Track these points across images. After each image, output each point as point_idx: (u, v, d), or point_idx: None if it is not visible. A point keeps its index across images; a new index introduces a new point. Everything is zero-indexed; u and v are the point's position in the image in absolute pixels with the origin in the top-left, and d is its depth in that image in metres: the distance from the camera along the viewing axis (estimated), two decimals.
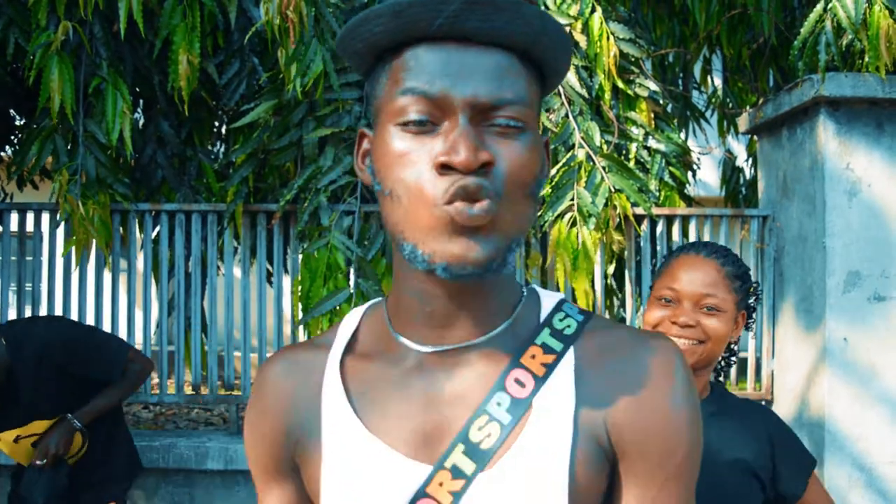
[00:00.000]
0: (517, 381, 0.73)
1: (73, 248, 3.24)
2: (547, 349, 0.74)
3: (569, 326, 0.76)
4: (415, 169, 0.68)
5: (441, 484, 0.71)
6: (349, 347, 0.80)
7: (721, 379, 1.59)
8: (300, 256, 3.26)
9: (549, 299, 0.80)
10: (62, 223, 3.25)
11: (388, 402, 0.75)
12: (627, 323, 3.47)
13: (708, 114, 4.61)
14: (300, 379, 0.80)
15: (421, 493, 0.71)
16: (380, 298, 0.85)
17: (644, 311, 1.49)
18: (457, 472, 0.71)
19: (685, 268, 1.42)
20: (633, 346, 0.75)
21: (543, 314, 0.78)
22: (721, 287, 1.40)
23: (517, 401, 0.72)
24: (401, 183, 0.68)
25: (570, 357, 0.74)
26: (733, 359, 1.54)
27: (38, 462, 2.34)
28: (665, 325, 1.40)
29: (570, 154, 3.20)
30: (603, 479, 0.73)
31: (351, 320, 0.83)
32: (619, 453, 0.73)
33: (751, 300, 1.50)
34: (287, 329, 3.95)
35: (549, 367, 0.73)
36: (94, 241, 3.21)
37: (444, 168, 0.66)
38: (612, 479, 0.74)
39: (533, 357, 0.74)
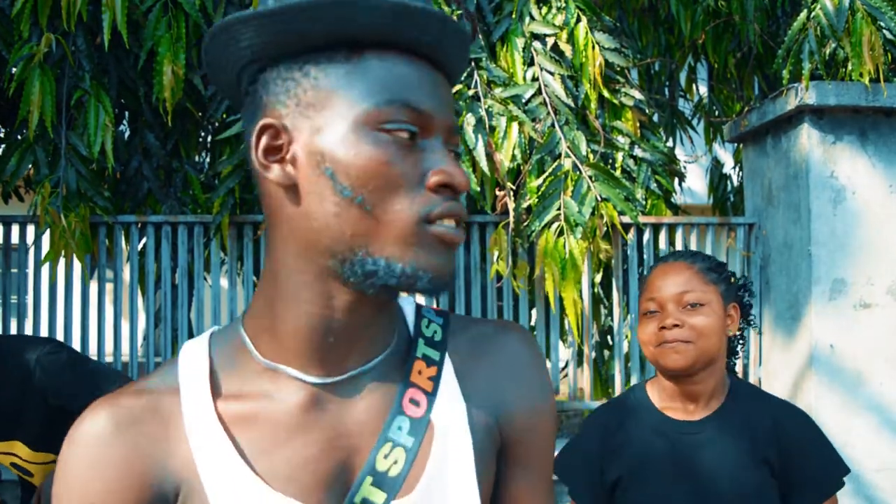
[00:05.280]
0: (412, 401, 0.71)
1: (51, 260, 3.21)
2: (428, 361, 0.74)
3: (436, 332, 0.77)
4: (401, 183, 0.65)
5: None
6: (211, 389, 0.69)
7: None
8: None
9: (407, 306, 0.79)
10: (48, 236, 3.23)
11: (282, 447, 0.68)
12: (615, 331, 3.48)
13: (694, 122, 4.63)
14: (151, 432, 0.67)
15: None
16: (218, 328, 0.76)
17: (637, 330, 1.51)
18: None
19: (659, 276, 1.46)
20: (496, 338, 0.78)
21: (410, 322, 0.78)
22: (696, 281, 1.43)
23: (416, 421, 0.71)
24: (379, 196, 0.64)
25: (448, 363, 0.75)
26: (738, 352, 1.55)
27: None
28: (658, 335, 1.42)
29: (556, 164, 3.21)
30: (493, 474, 0.76)
31: (195, 357, 0.71)
32: (508, 442, 0.77)
33: (740, 292, 1.52)
34: None
35: (435, 380, 0.73)
36: (74, 254, 3.18)
37: (442, 188, 0.66)
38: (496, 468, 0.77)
39: (420, 373, 0.73)
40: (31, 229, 3.39)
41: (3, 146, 3.46)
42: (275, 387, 0.69)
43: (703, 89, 4.80)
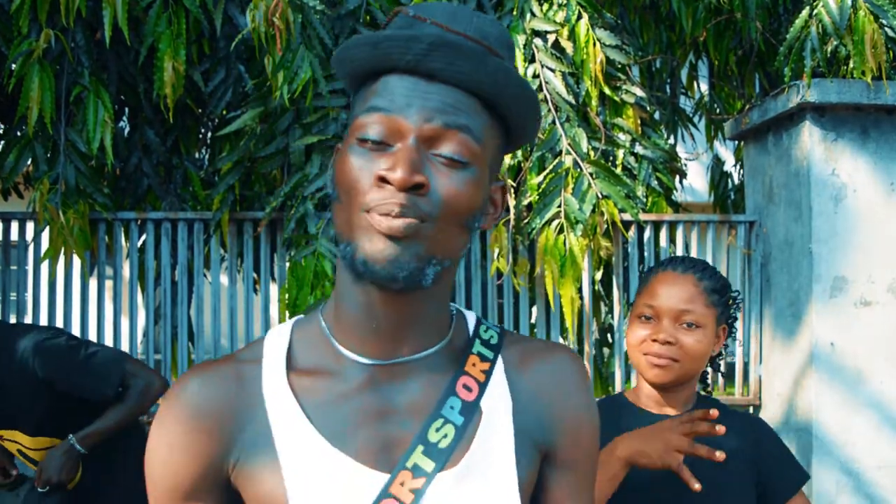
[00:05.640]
0: (465, 387, 0.81)
1: (51, 257, 3.20)
2: (482, 357, 0.84)
3: (492, 337, 0.87)
4: (358, 178, 0.74)
5: (402, 483, 0.76)
6: (287, 364, 0.81)
7: (709, 388, 1.60)
8: (287, 264, 3.25)
9: (470, 316, 0.90)
10: (47, 232, 3.22)
11: (344, 415, 0.78)
12: (615, 329, 3.48)
13: (695, 119, 4.62)
14: (234, 394, 0.79)
15: (384, 494, 0.76)
16: (303, 316, 0.87)
17: (626, 327, 1.50)
18: (418, 472, 0.76)
19: (663, 284, 1.43)
20: (547, 355, 0.87)
21: (471, 328, 0.88)
22: (699, 302, 1.41)
23: (467, 404, 0.80)
24: (346, 189, 0.75)
25: (500, 364, 0.85)
26: (720, 367, 1.56)
27: (39, 489, 2.18)
28: (647, 344, 1.42)
29: (557, 161, 3.20)
30: (536, 472, 0.83)
31: (279, 336, 0.84)
32: (551, 448, 0.84)
33: (731, 310, 1.51)
34: None
35: (487, 373, 0.83)
36: (73, 250, 3.17)
37: (382, 181, 0.73)
38: (539, 472, 0.85)
39: (474, 365, 0.83)
40: (30, 226, 3.38)
41: (2, 142, 3.45)
42: (339, 366, 0.80)
43: (705, 87, 4.79)
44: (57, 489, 2.19)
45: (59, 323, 3.38)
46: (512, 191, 3.20)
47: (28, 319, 3.46)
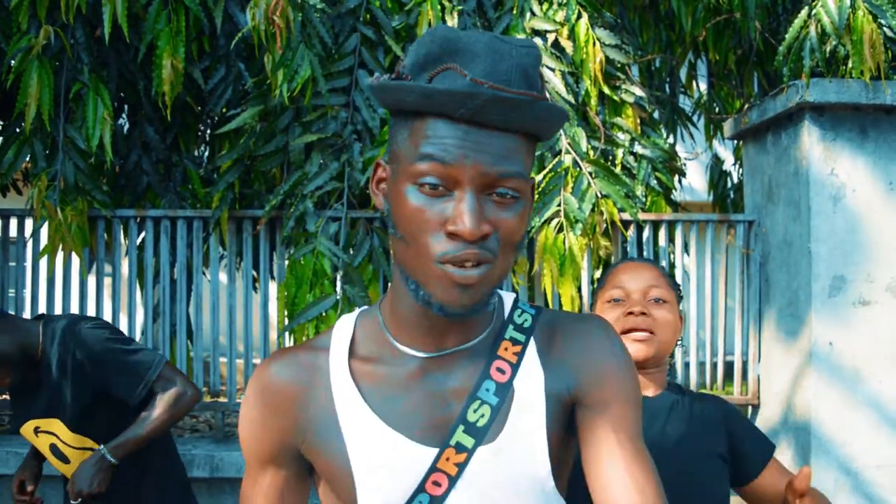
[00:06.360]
0: (499, 370, 0.90)
1: (49, 254, 3.20)
2: (514, 341, 0.93)
3: (526, 321, 0.95)
4: (426, 227, 0.81)
5: (448, 459, 0.87)
6: (350, 351, 0.92)
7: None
8: (286, 262, 3.24)
9: (507, 298, 0.98)
10: (46, 229, 3.21)
11: (397, 399, 0.89)
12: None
13: (695, 119, 4.63)
14: (305, 378, 0.92)
15: (433, 468, 0.87)
16: (367, 307, 0.97)
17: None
18: (460, 448, 0.87)
19: (627, 271, 1.52)
20: (576, 323, 0.96)
21: (507, 312, 0.96)
22: (662, 281, 1.50)
23: (501, 385, 0.89)
24: (412, 236, 0.82)
25: (532, 344, 0.93)
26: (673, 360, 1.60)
27: (72, 501, 2.13)
28: (622, 320, 1.45)
29: (556, 160, 3.20)
30: (567, 434, 0.92)
31: (345, 327, 0.95)
32: (578, 395, 0.91)
33: (681, 301, 1.58)
34: (273, 335, 3.93)
35: (519, 356, 0.92)
36: (71, 248, 3.16)
37: (453, 235, 0.80)
38: (576, 430, 0.92)
39: (506, 349, 0.92)
40: (28, 223, 3.37)
41: (0, 138, 3.45)
42: (394, 356, 0.91)
43: (704, 86, 4.80)
44: (90, 501, 2.18)
45: None
46: None
47: (26, 316, 3.45)
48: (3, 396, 3.69)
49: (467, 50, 0.80)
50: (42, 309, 3.38)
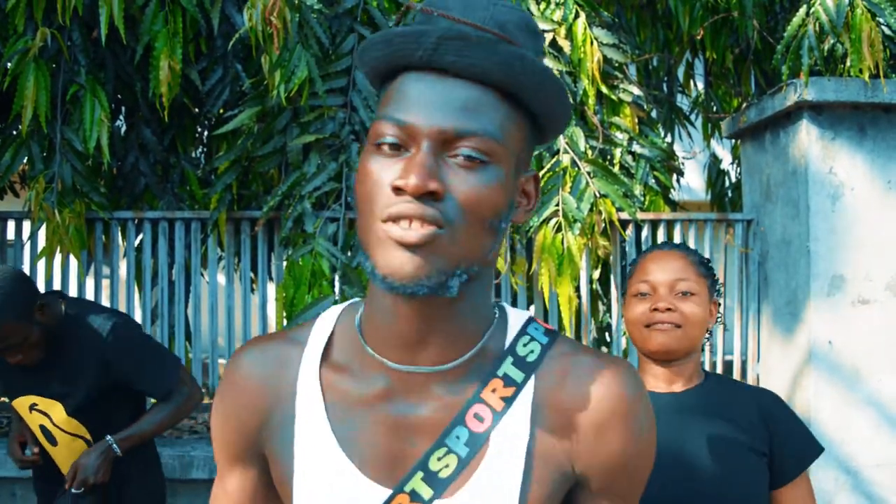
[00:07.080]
0: (476, 416, 0.77)
1: (46, 256, 3.19)
2: (508, 381, 0.78)
3: (532, 352, 0.80)
4: (375, 187, 0.72)
5: None
6: (325, 354, 0.84)
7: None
8: (284, 263, 3.24)
9: (516, 320, 0.84)
10: (44, 232, 3.21)
11: (358, 420, 0.80)
12: (613, 328, 3.48)
13: (693, 118, 4.62)
14: (273, 371, 0.84)
15: None
16: (357, 300, 0.88)
17: (623, 309, 1.55)
18: (415, 497, 0.76)
19: (654, 261, 1.50)
20: (594, 373, 0.79)
21: (509, 338, 0.82)
22: (691, 271, 1.48)
23: (475, 435, 0.77)
24: (363, 198, 0.73)
25: (529, 387, 0.79)
26: (706, 342, 1.59)
27: (73, 490, 2.15)
28: (646, 315, 1.46)
29: (554, 159, 3.20)
30: (554, 499, 0.79)
31: (327, 322, 0.86)
32: (584, 480, 0.80)
33: (718, 285, 1.57)
34: None
35: (508, 401, 0.78)
36: (69, 250, 3.16)
37: (397, 190, 0.71)
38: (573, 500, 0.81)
39: (493, 391, 0.78)
40: (26, 225, 3.37)
41: None
42: (363, 369, 0.81)
43: (702, 85, 4.79)
44: (92, 491, 2.19)
45: None
46: None
47: None
48: (2, 399, 3.68)
49: (441, 4, 0.76)
50: None
